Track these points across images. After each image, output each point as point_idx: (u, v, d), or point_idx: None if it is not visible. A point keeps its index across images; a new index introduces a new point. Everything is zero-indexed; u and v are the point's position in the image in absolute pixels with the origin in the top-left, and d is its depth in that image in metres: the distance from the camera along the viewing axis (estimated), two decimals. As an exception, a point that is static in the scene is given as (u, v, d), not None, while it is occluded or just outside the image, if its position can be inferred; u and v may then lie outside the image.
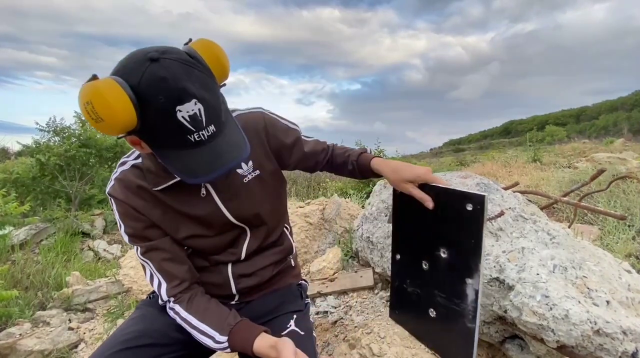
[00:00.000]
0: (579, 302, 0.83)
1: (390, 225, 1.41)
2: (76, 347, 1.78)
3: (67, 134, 5.88)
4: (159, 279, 0.84)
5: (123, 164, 0.83)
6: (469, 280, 0.85)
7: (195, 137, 0.63)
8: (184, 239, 0.85)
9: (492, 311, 0.97)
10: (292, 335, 0.87)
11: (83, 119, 6.18)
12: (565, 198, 1.35)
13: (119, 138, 0.65)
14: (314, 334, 0.94)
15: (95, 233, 4.64)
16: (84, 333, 1.87)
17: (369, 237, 1.53)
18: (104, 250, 4.14)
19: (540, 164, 7.06)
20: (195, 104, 0.61)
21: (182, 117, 0.61)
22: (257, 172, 0.88)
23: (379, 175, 0.98)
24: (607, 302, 0.85)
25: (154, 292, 0.98)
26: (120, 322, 1.92)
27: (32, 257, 3.01)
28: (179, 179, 0.76)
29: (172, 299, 0.83)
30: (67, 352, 1.71)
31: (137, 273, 2.20)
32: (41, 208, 5.39)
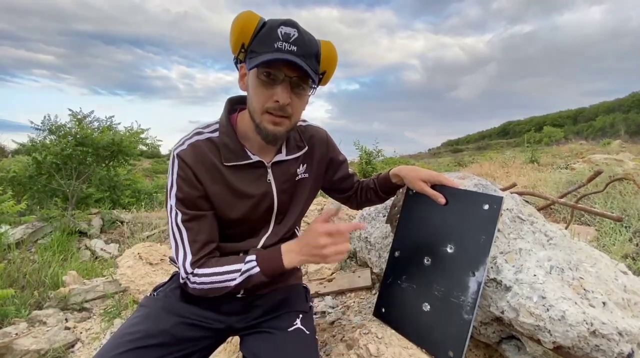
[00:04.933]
0: (576, 303, 0.84)
1: (388, 225, 1.42)
2: (73, 346, 1.77)
3: (62, 132, 5.84)
4: (185, 251, 0.84)
5: (199, 133, 0.88)
6: (474, 273, 0.90)
7: (279, 45, 0.76)
8: (227, 221, 0.90)
9: (489, 312, 0.97)
10: (298, 332, 0.88)
11: (78, 117, 6.15)
12: (562, 200, 1.36)
13: (235, 59, 0.83)
14: (317, 337, 0.95)
15: (92, 232, 4.62)
16: (81, 332, 1.86)
17: (367, 237, 1.53)
18: (101, 249, 4.12)
19: (537, 164, 7.10)
20: (295, 32, 0.77)
21: (280, 31, 0.76)
22: (306, 175, 1.00)
23: (397, 186, 1.11)
24: (604, 303, 0.85)
25: (157, 288, 0.99)
26: (117, 321, 1.91)
27: (28, 256, 3.00)
28: (250, 161, 0.89)
29: (195, 270, 0.84)
30: (64, 352, 1.70)
31: (134, 273, 2.20)
32: (38, 207, 5.36)
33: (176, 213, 0.84)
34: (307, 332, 0.89)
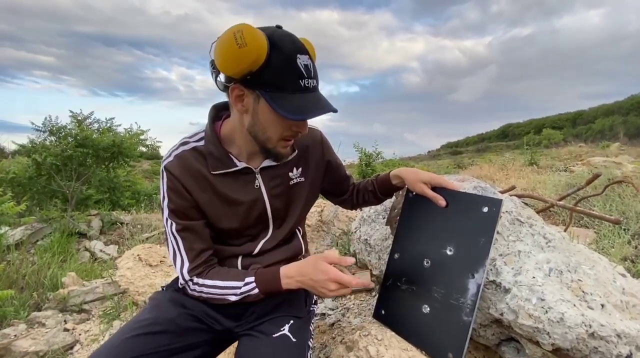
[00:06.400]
0: (574, 305, 0.84)
1: (388, 227, 1.43)
2: (71, 348, 1.77)
3: (63, 133, 5.85)
4: (182, 258, 0.87)
5: (185, 143, 0.89)
6: (474, 275, 0.90)
7: (306, 83, 0.75)
8: (221, 230, 0.91)
9: (488, 314, 0.98)
10: (282, 338, 0.86)
11: (79, 118, 6.15)
12: (561, 203, 1.37)
13: (234, 83, 0.76)
14: (310, 344, 0.93)
15: (91, 233, 4.62)
16: (80, 334, 1.86)
17: (366, 239, 1.53)
18: (100, 250, 4.12)
19: (537, 167, 7.11)
20: (308, 58, 0.75)
21: (300, 63, 0.73)
22: (302, 179, 0.99)
23: (396, 188, 1.10)
24: (602, 305, 0.86)
25: (166, 285, 1.00)
26: (116, 323, 1.91)
27: (27, 257, 2.99)
28: (237, 168, 0.88)
29: (194, 278, 0.86)
30: (63, 354, 1.69)
31: (133, 275, 2.19)
32: (37, 209, 5.35)
33: (171, 224, 0.87)
34: (294, 339, 0.86)
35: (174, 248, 0.88)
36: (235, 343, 0.94)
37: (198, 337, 0.88)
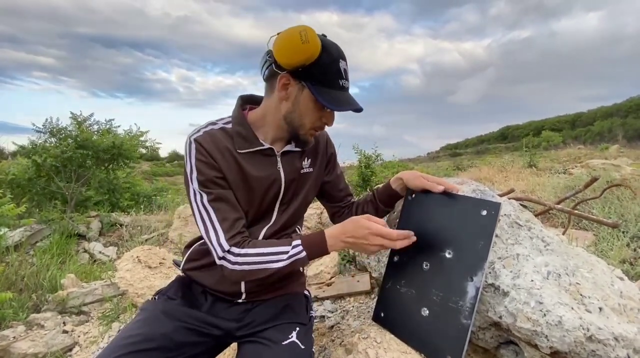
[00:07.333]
0: (572, 308, 0.85)
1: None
2: (70, 350, 1.77)
3: (63, 135, 5.85)
4: (216, 230, 0.86)
5: (213, 124, 0.94)
6: (472, 279, 0.91)
7: (343, 83, 0.89)
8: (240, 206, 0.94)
9: (487, 317, 0.98)
10: (292, 346, 0.87)
11: (79, 119, 6.15)
12: (559, 206, 1.37)
13: (285, 72, 0.86)
14: (313, 350, 0.94)
15: (90, 235, 4.61)
16: (79, 336, 1.86)
17: (366, 241, 1.54)
18: (100, 252, 4.11)
19: (536, 169, 7.13)
20: (346, 65, 0.90)
21: (341, 66, 0.88)
22: (310, 169, 1.06)
23: (396, 195, 1.12)
24: (600, 308, 0.86)
25: (158, 293, 0.99)
26: (115, 325, 1.91)
27: (26, 259, 2.99)
28: (263, 147, 0.95)
29: (234, 248, 0.85)
30: (61, 356, 1.69)
31: (133, 276, 2.19)
32: (37, 210, 5.34)
33: (201, 196, 0.87)
34: (302, 347, 0.88)
35: (205, 222, 0.87)
36: (234, 347, 0.94)
37: (193, 350, 0.87)
